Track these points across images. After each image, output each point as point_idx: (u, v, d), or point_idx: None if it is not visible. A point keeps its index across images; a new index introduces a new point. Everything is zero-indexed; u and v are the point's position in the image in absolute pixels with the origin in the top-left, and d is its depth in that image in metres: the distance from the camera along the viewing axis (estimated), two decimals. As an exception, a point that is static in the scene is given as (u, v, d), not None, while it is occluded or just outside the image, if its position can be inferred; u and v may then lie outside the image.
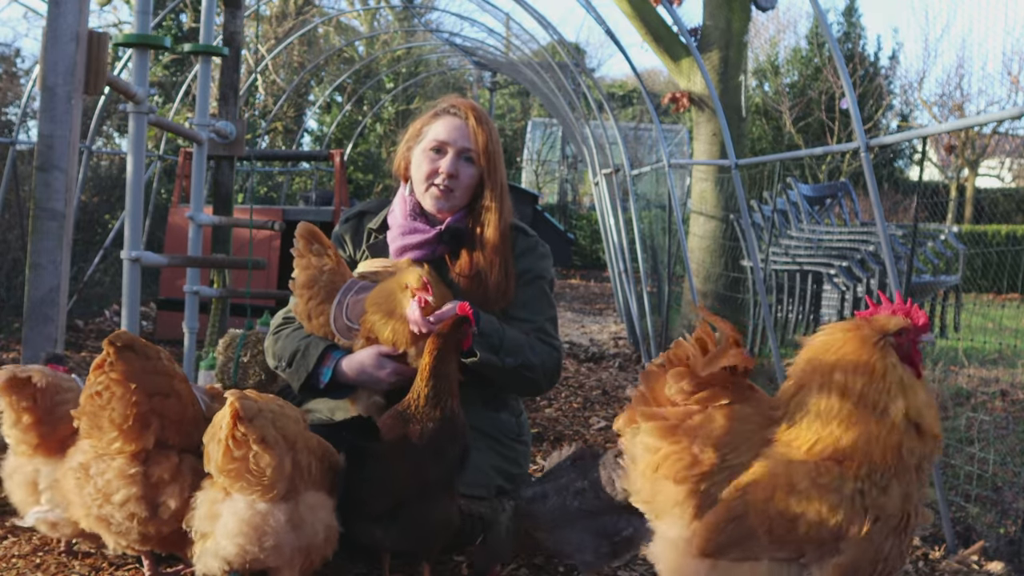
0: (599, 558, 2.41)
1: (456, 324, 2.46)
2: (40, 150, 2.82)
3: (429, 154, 2.90)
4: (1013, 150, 21.44)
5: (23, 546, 2.71)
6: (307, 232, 2.81)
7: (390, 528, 2.31)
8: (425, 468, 2.32)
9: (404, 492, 2.29)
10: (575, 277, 16.50)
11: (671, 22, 7.71)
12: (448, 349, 2.43)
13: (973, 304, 7.83)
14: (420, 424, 2.35)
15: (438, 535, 2.38)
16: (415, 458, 2.31)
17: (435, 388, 2.38)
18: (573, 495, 2.39)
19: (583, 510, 2.38)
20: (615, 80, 26.61)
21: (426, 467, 2.32)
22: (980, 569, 2.94)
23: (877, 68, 20.65)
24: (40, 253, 2.84)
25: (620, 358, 7.39)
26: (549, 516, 2.38)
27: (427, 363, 2.41)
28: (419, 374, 2.43)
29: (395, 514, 2.30)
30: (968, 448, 4.27)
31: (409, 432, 2.34)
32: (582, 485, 2.39)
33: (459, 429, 2.39)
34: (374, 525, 2.31)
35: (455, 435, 2.38)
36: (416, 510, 2.31)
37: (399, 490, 2.29)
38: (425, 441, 2.33)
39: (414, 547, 2.38)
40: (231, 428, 2.09)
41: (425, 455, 2.32)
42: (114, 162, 10.64)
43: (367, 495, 2.30)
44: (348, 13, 19.52)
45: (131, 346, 2.27)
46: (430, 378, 2.39)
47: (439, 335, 2.44)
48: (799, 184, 8.18)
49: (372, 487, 2.30)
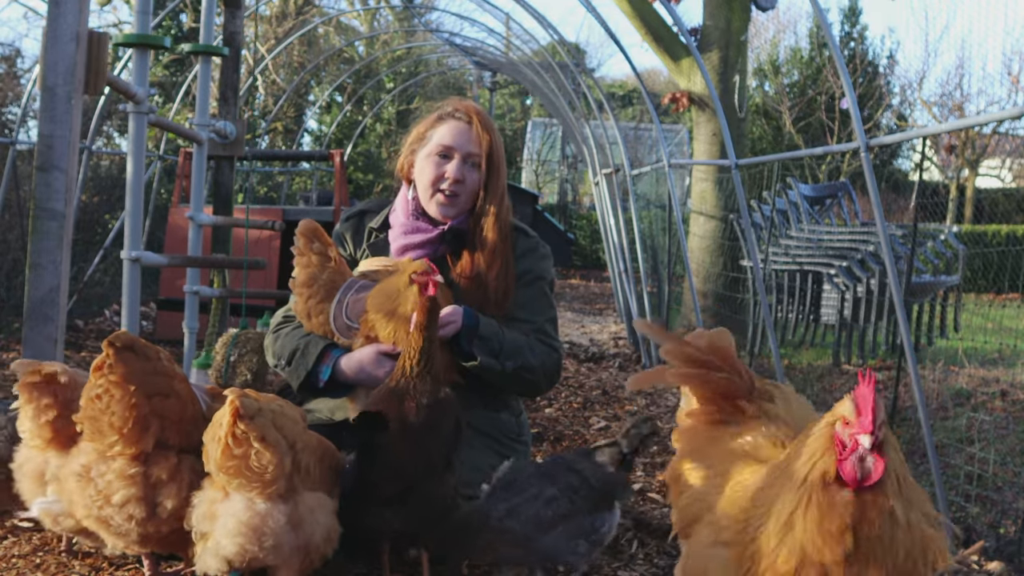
0: (579, 557, 2.45)
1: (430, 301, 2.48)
2: (40, 150, 2.82)
3: (434, 159, 2.90)
4: (1013, 150, 21.44)
5: (23, 546, 2.71)
6: (308, 230, 2.81)
7: (399, 510, 2.35)
8: (427, 448, 2.36)
9: (410, 474, 2.34)
10: (575, 277, 16.50)
11: (671, 22, 7.71)
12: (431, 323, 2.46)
13: (973, 304, 7.83)
14: (414, 400, 2.38)
15: (442, 513, 2.42)
16: (417, 440, 2.35)
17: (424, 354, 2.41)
18: (545, 504, 2.41)
19: (558, 516, 2.40)
20: (615, 80, 26.62)
21: (427, 447, 2.36)
22: (980, 569, 2.94)
23: (877, 68, 20.65)
24: (40, 253, 2.84)
25: (620, 358, 7.39)
26: (524, 529, 2.40)
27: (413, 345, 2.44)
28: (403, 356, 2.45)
29: (404, 496, 2.34)
30: (968, 448, 4.27)
31: (406, 410, 2.37)
32: (553, 493, 2.42)
33: (449, 407, 2.43)
34: (384, 508, 2.35)
35: (447, 412, 2.41)
36: (422, 490, 2.36)
37: (406, 472, 2.33)
38: (423, 421, 2.36)
39: (421, 527, 2.42)
40: (231, 426, 2.10)
41: (425, 436, 2.36)
42: (114, 162, 10.64)
43: (378, 479, 2.34)
44: (348, 13, 19.52)
45: (130, 347, 2.27)
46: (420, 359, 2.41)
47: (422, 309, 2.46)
48: (799, 184, 8.18)
49: (382, 471, 2.33)
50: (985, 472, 3.91)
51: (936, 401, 5.75)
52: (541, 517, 2.40)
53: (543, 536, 2.40)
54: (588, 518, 2.45)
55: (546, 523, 2.40)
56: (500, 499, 2.45)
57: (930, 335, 7.84)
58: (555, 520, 2.40)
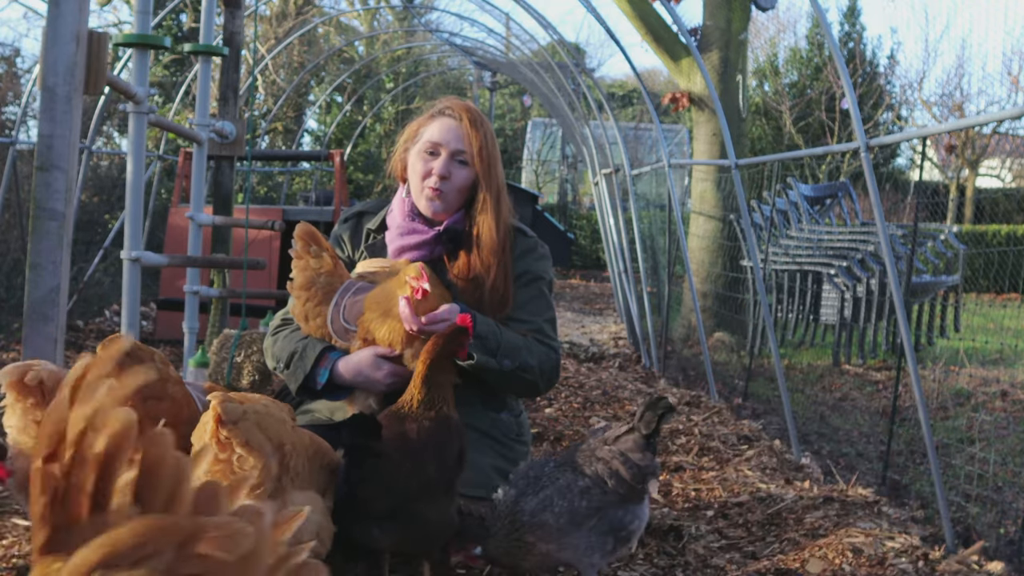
0: (604, 556, 2.36)
1: (454, 334, 2.44)
2: (40, 150, 2.82)
3: (423, 156, 2.90)
4: (1013, 150, 21.43)
5: (23, 546, 2.71)
6: (305, 233, 2.80)
7: (388, 528, 2.29)
8: (423, 467, 2.31)
9: (403, 491, 2.29)
10: (575, 277, 16.50)
11: (671, 22, 7.72)
12: (442, 358, 2.41)
13: (973, 304, 7.83)
14: (416, 423, 2.34)
15: (436, 537, 2.36)
16: (413, 457, 2.30)
17: (428, 395, 2.37)
18: (579, 495, 2.31)
19: (592, 508, 2.31)
20: (615, 80, 26.62)
21: (424, 466, 2.31)
22: (980, 569, 2.94)
23: (876, 68, 20.64)
24: (40, 253, 2.83)
25: (620, 358, 7.38)
26: (558, 522, 2.29)
27: (420, 371, 2.40)
28: (412, 381, 2.42)
29: (394, 514, 2.29)
30: (968, 448, 4.27)
31: (406, 430, 2.33)
32: (586, 483, 2.32)
33: (455, 431, 2.38)
34: (373, 524, 2.30)
35: (451, 435, 2.36)
36: (415, 510, 2.30)
37: (398, 489, 2.29)
38: (423, 439, 2.32)
39: (412, 548, 2.37)
40: (214, 431, 2.10)
41: (423, 453, 2.31)
42: (114, 162, 10.64)
43: (365, 494, 2.29)
44: (348, 13, 19.52)
45: (125, 351, 2.26)
46: (423, 386, 2.38)
47: (435, 343, 2.42)
48: (799, 184, 8.18)
49: (370, 486, 2.29)
50: (985, 472, 3.91)
51: (936, 401, 5.75)
52: (576, 508, 2.29)
53: (577, 531, 2.29)
54: (619, 511, 2.33)
55: (580, 515, 2.29)
56: (528, 494, 2.33)
57: (930, 335, 7.84)
58: (589, 513, 2.29)
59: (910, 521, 3.37)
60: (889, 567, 2.78)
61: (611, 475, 2.34)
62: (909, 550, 2.91)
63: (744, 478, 3.83)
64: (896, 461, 4.43)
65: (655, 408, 2.42)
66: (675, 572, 2.84)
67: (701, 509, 3.43)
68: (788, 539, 3.07)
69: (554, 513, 2.30)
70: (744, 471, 3.95)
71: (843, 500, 3.45)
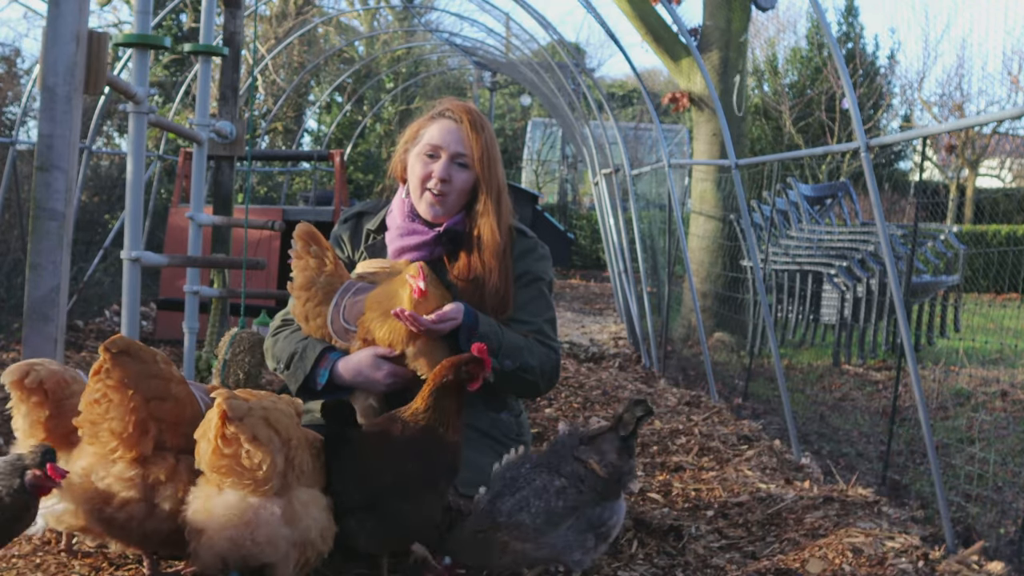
0: (587, 552, 2.39)
1: (469, 362, 2.41)
2: (40, 150, 2.82)
3: (423, 158, 2.89)
4: (1013, 150, 21.43)
5: (23, 546, 2.71)
6: (305, 233, 2.80)
7: (364, 522, 2.30)
8: (402, 463, 2.30)
9: (377, 484, 2.29)
10: (575, 277, 16.49)
11: (671, 22, 7.72)
12: (454, 384, 2.39)
13: (973, 304, 7.83)
14: (402, 424, 2.35)
15: (417, 534, 2.36)
16: (390, 450, 2.31)
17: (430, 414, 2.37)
18: (556, 495, 2.35)
19: (568, 507, 2.35)
20: (615, 80, 26.63)
21: (403, 462, 2.30)
22: (980, 569, 2.93)
23: (877, 68, 20.63)
24: (40, 253, 2.83)
25: (620, 358, 7.38)
26: (535, 522, 2.33)
27: (427, 390, 2.39)
28: (419, 396, 2.42)
29: (371, 508, 2.29)
30: (968, 448, 4.27)
31: (391, 428, 2.34)
32: (561, 483, 2.36)
33: (447, 445, 2.36)
34: (349, 517, 2.30)
35: (440, 444, 2.35)
36: (393, 505, 2.30)
37: (371, 480, 2.29)
38: (406, 436, 2.32)
39: (390, 547, 2.36)
40: (219, 428, 2.11)
41: (403, 450, 2.31)
42: (114, 162, 10.65)
43: (340, 484, 2.30)
44: (348, 13, 19.52)
45: (126, 351, 2.27)
46: (427, 409, 2.37)
47: (450, 370, 2.39)
48: (799, 184, 8.18)
49: (345, 476, 2.30)
50: (985, 472, 3.91)
51: (936, 401, 5.75)
52: (552, 509, 2.33)
53: (554, 530, 2.34)
54: (596, 509, 2.38)
55: (557, 515, 2.33)
56: (504, 495, 2.38)
57: (930, 335, 7.85)
58: (566, 512, 2.34)
59: (910, 521, 3.37)
60: (889, 567, 2.78)
61: (587, 475, 2.38)
62: (909, 550, 2.91)
63: (744, 478, 3.83)
64: (896, 461, 4.43)
65: (633, 410, 2.48)
66: (675, 572, 2.83)
67: (701, 509, 3.43)
68: (788, 539, 3.07)
69: (531, 513, 2.34)
70: (744, 471, 3.95)
71: (843, 500, 3.45)
